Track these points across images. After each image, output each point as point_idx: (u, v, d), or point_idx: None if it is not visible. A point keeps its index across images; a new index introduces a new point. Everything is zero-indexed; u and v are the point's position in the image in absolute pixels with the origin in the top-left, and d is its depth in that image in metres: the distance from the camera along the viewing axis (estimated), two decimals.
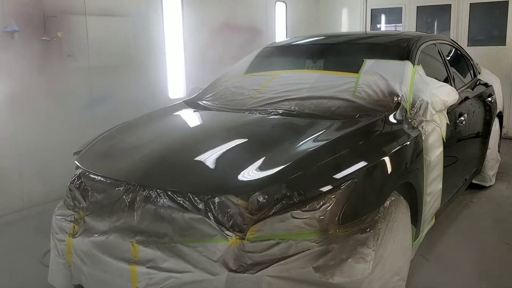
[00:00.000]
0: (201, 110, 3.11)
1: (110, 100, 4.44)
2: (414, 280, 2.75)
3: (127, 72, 4.69)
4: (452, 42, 4.17)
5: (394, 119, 2.61)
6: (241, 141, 2.45)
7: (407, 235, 2.46)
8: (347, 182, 2.01)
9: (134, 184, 2.16)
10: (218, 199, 1.97)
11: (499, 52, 6.50)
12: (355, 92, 2.82)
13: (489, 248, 3.22)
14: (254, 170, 2.04)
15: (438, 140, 2.83)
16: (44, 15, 3.95)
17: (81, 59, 4.28)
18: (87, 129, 3.97)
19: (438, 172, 2.85)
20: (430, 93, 2.72)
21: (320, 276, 1.83)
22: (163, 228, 2.03)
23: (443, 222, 3.54)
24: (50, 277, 2.46)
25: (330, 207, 1.93)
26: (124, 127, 2.89)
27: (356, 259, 1.89)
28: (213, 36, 5.72)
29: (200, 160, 2.22)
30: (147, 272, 1.98)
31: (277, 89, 3.06)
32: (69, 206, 2.43)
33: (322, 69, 3.32)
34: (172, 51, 5.26)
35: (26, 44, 3.84)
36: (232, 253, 1.89)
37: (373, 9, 7.54)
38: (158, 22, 5.03)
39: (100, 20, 4.42)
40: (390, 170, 2.28)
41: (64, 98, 4.16)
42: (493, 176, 4.52)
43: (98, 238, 2.17)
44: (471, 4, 6.66)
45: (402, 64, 2.96)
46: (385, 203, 2.17)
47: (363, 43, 3.66)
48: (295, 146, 2.26)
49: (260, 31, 6.64)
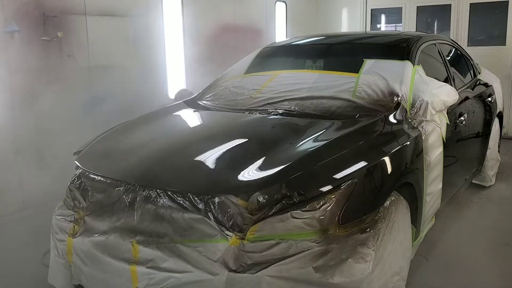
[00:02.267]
0: (201, 110, 3.11)
1: (110, 100, 4.43)
2: (414, 280, 2.75)
3: (127, 72, 4.68)
4: (452, 42, 4.17)
5: (394, 119, 2.62)
6: (241, 141, 2.45)
7: (407, 235, 2.46)
8: (347, 182, 2.01)
9: (134, 184, 2.16)
10: (218, 199, 1.97)
11: (499, 52, 6.49)
12: (355, 92, 2.82)
13: (489, 248, 3.21)
14: (254, 170, 2.04)
15: (438, 140, 2.83)
16: (44, 15, 3.94)
17: (81, 59, 4.28)
18: (87, 129, 3.97)
19: (438, 172, 2.85)
20: (430, 93, 2.72)
21: (320, 276, 1.83)
22: (163, 228, 2.03)
23: (443, 222, 3.54)
24: (50, 277, 2.46)
25: (330, 207, 1.93)
26: (124, 127, 2.89)
27: (356, 259, 1.90)
28: (213, 36, 5.72)
29: (200, 160, 2.22)
30: (147, 272, 1.98)
31: (277, 89, 3.06)
32: (69, 206, 2.43)
33: (322, 69, 3.32)
34: (172, 51, 5.26)
35: (26, 44, 3.84)
36: (232, 253, 1.89)
37: (373, 9, 7.54)
38: (158, 22, 5.03)
39: (100, 20, 4.42)
40: (390, 170, 2.28)
41: (64, 98, 4.16)
42: (493, 176, 4.52)
43: (98, 238, 2.17)
44: (471, 4, 6.65)
45: (402, 64, 2.96)
46: (385, 203, 2.17)
47: (363, 43, 3.66)
48: (295, 146, 2.26)
49: (260, 31, 6.63)
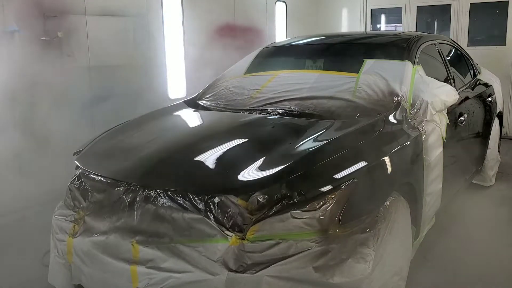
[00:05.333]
0: (201, 110, 3.11)
1: (110, 100, 4.43)
2: (414, 280, 2.75)
3: (127, 72, 4.68)
4: (452, 42, 4.17)
5: (394, 119, 2.61)
6: (241, 141, 2.45)
7: (407, 235, 2.46)
8: (347, 182, 2.01)
9: (134, 184, 2.16)
10: (218, 199, 1.97)
11: (499, 52, 6.49)
12: (355, 92, 2.82)
13: (489, 248, 3.21)
14: (254, 170, 2.04)
15: (438, 140, 2.83)
16: (44, 15, 3.94)
17: (81, 59, 4.28)
18: (87, 129, 3.97)
19: (438, 172, 2.85)
20: (430, 93, 2.72)
21: (320, 276, 1.83)
22: (163, 228, 2.03)
23: (443, 222, 3.54)
24: (50, 277, 2.46)
25: (330, 207, 1.93)
26: (124, 127, 2.89)
27: (356, 259, 1.90)
28: (213, 36, 5.72)
29: (200, 160, 2.22)
30: (147, 272, 1.98)
31: (277, 89, 3.06)
32: (69, 206, 2.43)
33: (322, 69, 3.32)
34: (172, 51, 5.26)
35: (26, 44, 3.84)
36: (232, 253, 1.89)
37: (373, 9, 7.54)
38: (158, 22, 5.03)
39: (100, 20, 4.42)
40: (390, 170, 2.28)
41: (64, 98, 4.15)
42: (493, 176, 4.52)
43: (98, 238, 2.17)
44: (471, 4, 6.65)
45: (402, 64, 2.96)
46: (385, 203, 2.17)
47: (363, 43, 3.66)
48: (295, 146, 2.26)
49: (260, 31, 6.63)
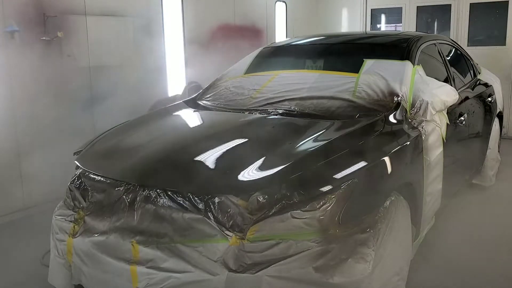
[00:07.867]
0: (201, 110, 3.11)
1: (110, 100, 4.43)
2: (414, 280, 2.75)
3: (127, 72, 4.68)
4: (452, 42, 4.17)
5: (394, 119, 2.61)
6: (241, 141, 2.45)
7: (407, 235, 2.46)
8: (347, 182, 2.01)
9: (134, 184, 2.16)
10: (218, 199, 1.97)
11: (499, 52, 6.49)
12: (355, 92, 2.82)
13: (489, 248, 3.21)
14: (254, 170, 2.04)
15: (438, 140, 2.83)
16: (44, 15, 3.94)
17: (81, 59, 4.28)
18: (87, 129, 3.97)
19: (438, 172, 2.85)
20: (430, 93, 2.72)
21: (320, 276, 1.83)
22: (163, 228, 2.03)
23: (443, 222, 3.54)
24: (50, 277, 2.46)
25: (330, 207, 1.93)
26: (124, 127, 2.89)
27: (356, 259, 1.90)
28: (213, 36, 5.72)
29: (200, 160, 2.22)
30: (147, 272, 1.98)
31: (277, 89, 3.06)
32: (69, 206, 2.43)
33: (322, 69, 3.32)
34: (172, 51, 5.26)
35: (26, 44, 3.84)
36: (232, 253, 1.89)
37: (373, 9, 7.54)
38: (158, 22, 5.03)
39: (100, 20, 4.42)
40: (390, 170, 2.28)
41: (64, 98, 4.16)
42: (493, 176, 4.52)
43: (98, 238, 2.17)
44: (471, 4, 6.65)
45: (402, 64, 2.96)
46: (385, 203, 2.17)
47: (363, 43, 3.66)
48: (295, 146, 2.26)
49: (260, 31, 6.63)
